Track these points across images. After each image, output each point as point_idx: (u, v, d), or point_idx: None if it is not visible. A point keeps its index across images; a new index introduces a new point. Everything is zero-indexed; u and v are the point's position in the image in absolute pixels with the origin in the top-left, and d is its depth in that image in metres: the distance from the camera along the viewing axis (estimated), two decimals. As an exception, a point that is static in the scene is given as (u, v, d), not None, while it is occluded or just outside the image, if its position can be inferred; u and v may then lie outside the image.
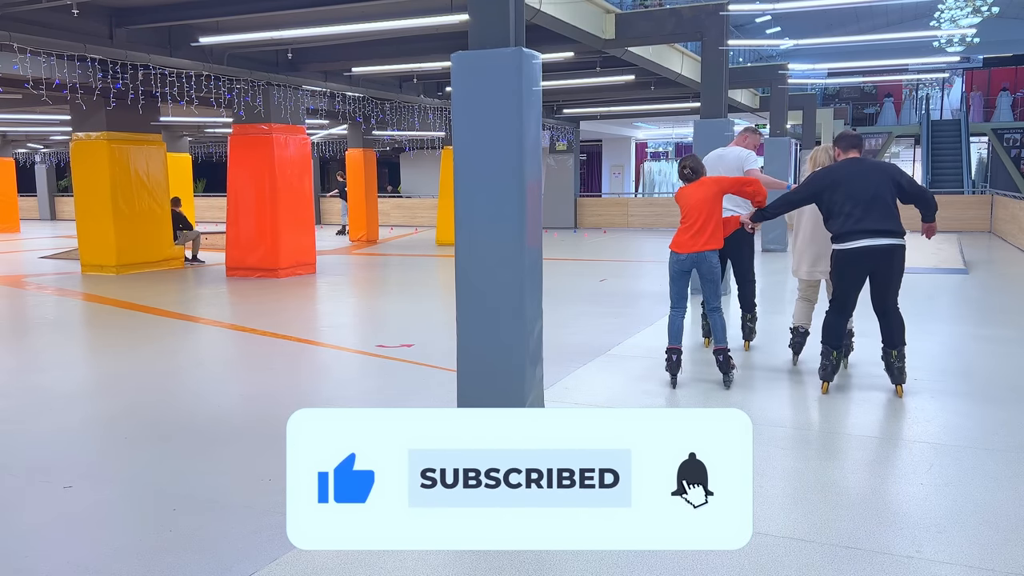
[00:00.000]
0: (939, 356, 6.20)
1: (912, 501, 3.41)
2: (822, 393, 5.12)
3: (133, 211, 12.21)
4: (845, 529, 3.14)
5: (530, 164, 4.18)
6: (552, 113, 20.15)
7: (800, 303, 5.86)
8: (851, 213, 4.81)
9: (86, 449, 4.31)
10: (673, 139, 31.56)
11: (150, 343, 7.06)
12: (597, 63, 12.57)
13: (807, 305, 5.83)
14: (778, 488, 3.56)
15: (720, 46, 9.60)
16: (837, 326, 5.09)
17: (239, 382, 5.83)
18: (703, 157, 6.17)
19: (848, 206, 4.82)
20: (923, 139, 24.02)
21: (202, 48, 10.14)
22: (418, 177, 29.14)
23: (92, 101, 11.46)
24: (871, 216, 4.78)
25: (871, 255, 4.81)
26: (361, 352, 6.61)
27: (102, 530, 3.26)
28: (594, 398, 5.09)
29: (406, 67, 12.32)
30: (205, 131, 20.19)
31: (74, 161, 12.19)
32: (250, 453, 4.13)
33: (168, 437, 4.42)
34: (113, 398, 5.28)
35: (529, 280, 4.23)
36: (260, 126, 11.56)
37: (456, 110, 4.22)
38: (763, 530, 3.12)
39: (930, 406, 4.82)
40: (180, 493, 3.60)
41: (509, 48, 4.13)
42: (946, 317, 8.01)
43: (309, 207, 12.32)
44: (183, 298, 10.00)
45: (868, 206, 4.80)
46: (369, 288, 11.27)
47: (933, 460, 3.90)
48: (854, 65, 20.02)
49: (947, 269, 11.47)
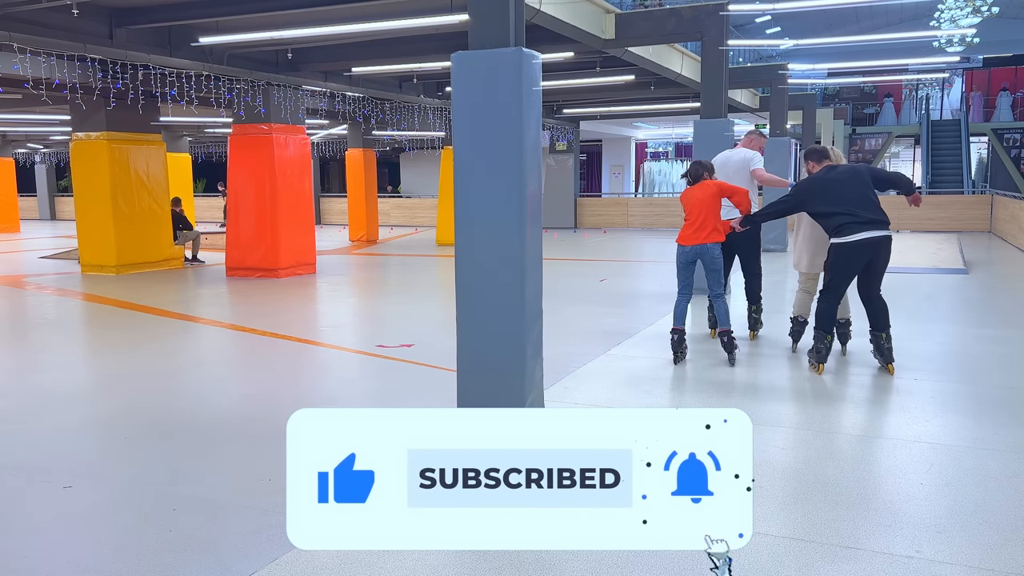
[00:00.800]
0: (939, 356, 6.20)
1: (912, 501, 3.41)
2: (817, 374, 5.55)
3: (133, 211, 12.21)
4: (845, 529, 3.14)
5: (530, 164, 4.18)
6: (552, 113, 20.15)
7: (800, 295, 6.27)
8: (848, 211, 5.23)
9: (86, 449, 4.31)
10: (673, 139, 31.58)
11: (150, 343, 7.06)
12: (597, 63, 12.57)
13: (807, 297, 6.22)
14: (778, 487, 3.56)
15: (720, 46, 9.61)
16: (830, 312, 5.53)
17: (239, 382, 5.83)
18: (712, 158, 6.75)
19: (841, 207, 5.28)
20: (923, 139, 24.03)
21: (202, 48, 10.14)
22: (418, 177, 29.15)
23: (92, 101, 11.46)
24: (866, 211, 5.24)
25: (872, 245, 5.25)
26: (361, 352, 6.61)
27: (102, 530, 3.26)
28: (594, 398, 5.09)
29: (406, 67, 12.32)
30: (205, 131, 20.20)
31: (74, 161, 12.20)
32: (250, 453, 4.13)
33: (168, 437, 4.42)
34: (113, 398, 5.28)
35: (529, 280, 4.23)
36: (260, 126, 11.57)
37: (456, 110, 4.22)
38: (763, 530, 3.12)
39: (930, 406, 4.82)
40: (180, 493, 3.60)
41: (509, 48, 4.13)
42: (946, 317, 8.01)
43: (309, 207, 12.32)
44: (183, 298, 10.00)
45: (859, 203, 5.27)
46: (369, 288, 11.27)
47: (933, 460, 3.90)
48: (854, 65, 20.04)
49: (947, 269, 11.47)
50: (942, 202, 19.34)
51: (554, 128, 21.32)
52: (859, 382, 5.39)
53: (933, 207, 19.14)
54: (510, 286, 4.20)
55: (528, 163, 4.16)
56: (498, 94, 4.11)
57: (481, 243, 4.23)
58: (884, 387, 5.21)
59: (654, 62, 12.37)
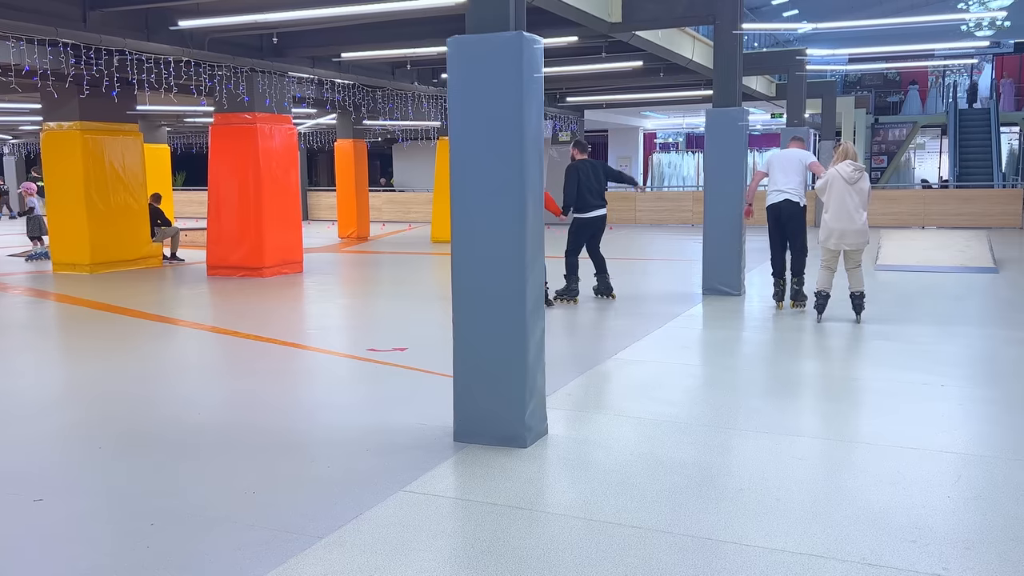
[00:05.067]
0: (967, 360, 6.21)
1: (938, 515, 3.41)
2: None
3: (108, 206, 12.22)
4: (867, 545, 3.14)
5: (531, 156, 4.19)
6: (555, 101, 20.16)
7: (823, 271, 7.71)
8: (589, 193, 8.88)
9: (58, 460, 4.31)
10: (684, 129, 31.60)
11: (126, 347, 7.06)
12: (603, 48, 12.57)
13: (828, 272, 7.70)
14: (795, 500, 3.56)
15: (734, 30, 9.61)
16: (572, 264, 9.10)
17: (221, 388, 5.83)
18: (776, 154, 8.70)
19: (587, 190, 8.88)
20: (950, 129, 24.01)
21: (181, 32, 10.14)
22: (412, 170, 29.17)
23: (64, 89, 11.46)
24: (597, 197, 8.97)
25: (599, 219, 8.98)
26: (351, 356, 6.61)
27: (75, 546, 3.25)
28: (599, 406, 5.09)
29: (399, 52, 12.31)
30: (185, 121, 20.20)
31: (45, 153, 12.20)
32: (233, 464, 4.14)
33: (145, 447, 4.42)
34: (87, 405, 5.28)
35: (530, 280, 4.24)
36: (243, 115, 11.57)
37: (452, 98, 4.22)
38: (779, 546, 3.12)
39: (958, 413, 4.82)
40: (158, 507, 3.60)
41: (509, 32, 4.13)
42: (974, 319, 8.02)
43: (296, 202, 12.33)
44: (161, 299, 10.00)
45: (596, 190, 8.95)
46: (360, 288, 11.27)
47: (961, 471, 3.90)
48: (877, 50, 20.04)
49: (975, 268, 11.48)
50: (970, 196, 19.35)
51: (557, 118, 21.32)
52: (882, 388, 5.39)
53: (961, 201, 19.16)
54: (510, 286, 4.20)
55: (529, 155, 4.16)
56: (497, 81, 4.11)
57: (479, 240, 4.23)
58: (909, 394, 5.21)
59: (663, 47, 12.38)
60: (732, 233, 9.30)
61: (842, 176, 7.36)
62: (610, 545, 3.15)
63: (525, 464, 4.04)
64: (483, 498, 3.63)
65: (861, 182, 7.38)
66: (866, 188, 7.40)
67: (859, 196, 7.36)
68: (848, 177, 7.33)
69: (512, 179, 4.14)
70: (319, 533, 3.28)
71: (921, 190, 21.98)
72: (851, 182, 7.33)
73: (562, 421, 4.72)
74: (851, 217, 7.35)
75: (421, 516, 3.44)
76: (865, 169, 7.57)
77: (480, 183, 4.20)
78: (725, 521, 3.36)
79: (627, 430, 4.59)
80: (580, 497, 3.64)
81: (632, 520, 3.38)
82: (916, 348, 6.61)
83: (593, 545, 3.15)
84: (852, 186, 7.33)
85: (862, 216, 7.39)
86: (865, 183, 7.42)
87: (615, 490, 3.70)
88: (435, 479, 3.86)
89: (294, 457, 4.22)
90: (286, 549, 3.15)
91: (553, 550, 3.12)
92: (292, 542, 3.21)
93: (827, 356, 6.63)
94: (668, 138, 33.30)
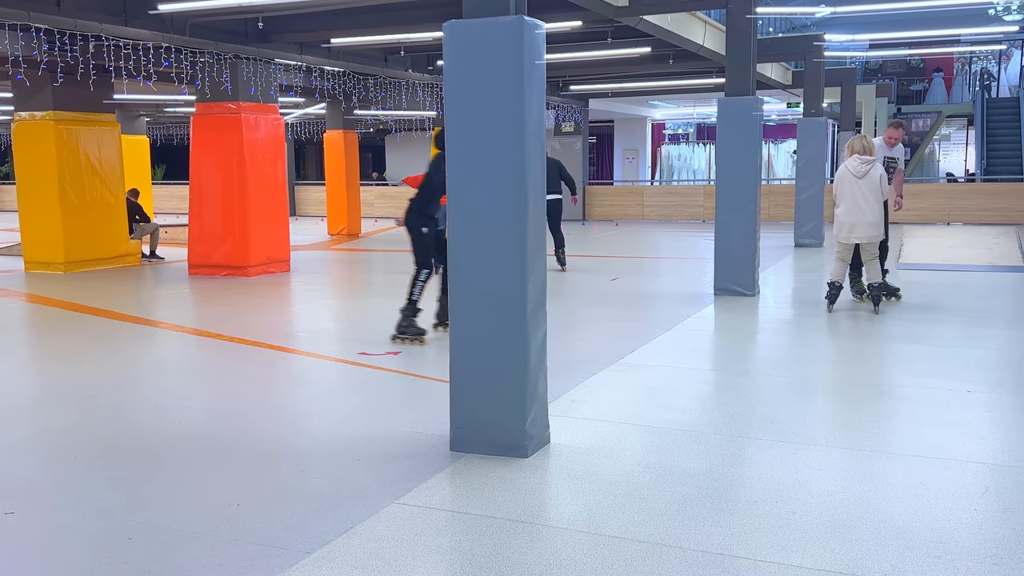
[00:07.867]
0: (995, 364, 6.21)
1: (965, 529, 3.41)
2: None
3: (83, 201, 12.21)
4: (889, 561, 3.14)
5: (532, 148, 4.19)
6: (557, 90, 20.16)
7: (837, 263, 8.34)
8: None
9: (30, 470, 4.31)
10: (694, 119, 31.59)
11: (102, 350, 7.06)
12: (608, 34, 12.57)
13: (842, 264, 8.33)
14: (814, 514, 3.56)
15: (748, 14, 9.60)
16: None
17: (203, 394, 5.83)
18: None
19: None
20: (977, 119, 23.99)
21: (161, 17, 10.14)
22: (406, 162, 29.13)
23: (37, 76, 11.45)
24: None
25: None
26: (341, 360, 6.61)
27: (49, 561, 3.26)
28: (604, 413, 5.09)
29: (392, 38, 12.29)
30: (165, 111, 20.21)
31: (16, 144, 12.20)
32: (216, 475, 4.14)
33: (123, 456, 4.42)
34: (60, 412, 5.28)
35: (531, 279, 4.23)
36: (227, 104, 11.57)
37: (448, 87, 4.22)
38: (797, 562, 3.12)
39: (985, 421, 4.82)
40: (136, 520, 3.60)
41: (509, 16, 4.13)
42: (1003, 321, 8.02)
43: (282, 197, 12.33)
44: (140, 299, 10.00)
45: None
46: (350, 288, 11.27)
47: (988, 483, 3.90)
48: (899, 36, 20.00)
49: (1004, 267, 11.48)
50: (998, 191, 19.34)
51: (560, 107, 21.33)
52: (904, 394, 5.39)
53: (988, 196, 19.15)
54: (510, 286, 4.20)
55: (530, 147, 4.16)
56: (496, 68, 4.11)
57: (477, 237, 4.23)
58: (933, 400, 5.21)
59: (673, 32, 12.38)
60: (746, 230, 9.30)
61: (850, 171, 8.02)
62: (616, 561, 3.15)
63: (526, 475, 4.03)
64: (481, 511, 3.63)
65: (871, 174, 7.96)
66: (876, 177, 7.96)
67: (869, 189, 7.95)
68: (856, 171, 7.98)
69: (512, 173, 4.13)
70: (307, 548, 3.28)
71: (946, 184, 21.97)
72: (859, 176, 7.96)
73: (565, 429, 4.72)
74: (861, 211, 7.95)
75: (415, 530, 3.44)
76: (877, 159, 8.18)
77: (478, 177, 4.20)
78: (738, 536, 3.36)
79: (634, 439, 4.59)
80: (584, 510, 3.64)
81: (640, 534, 3.38)
82: (941, 352, 6.61)
83: (598, 561, 3.15)
84: (861, 180, 7.95)
85: (874, 209, 7.99)
86: (875, 172, 7.97)
87: (622, 502, 3.70)
88: (430, 491, 3.86)
89: (281, 467, 4.22)
90: (272, 565, 3.15)
91: (556, 566, 3.12)
92: (278, 558, 3.21)
93: (846, 360, 6.64)
94: (677, 129, 33.28)
